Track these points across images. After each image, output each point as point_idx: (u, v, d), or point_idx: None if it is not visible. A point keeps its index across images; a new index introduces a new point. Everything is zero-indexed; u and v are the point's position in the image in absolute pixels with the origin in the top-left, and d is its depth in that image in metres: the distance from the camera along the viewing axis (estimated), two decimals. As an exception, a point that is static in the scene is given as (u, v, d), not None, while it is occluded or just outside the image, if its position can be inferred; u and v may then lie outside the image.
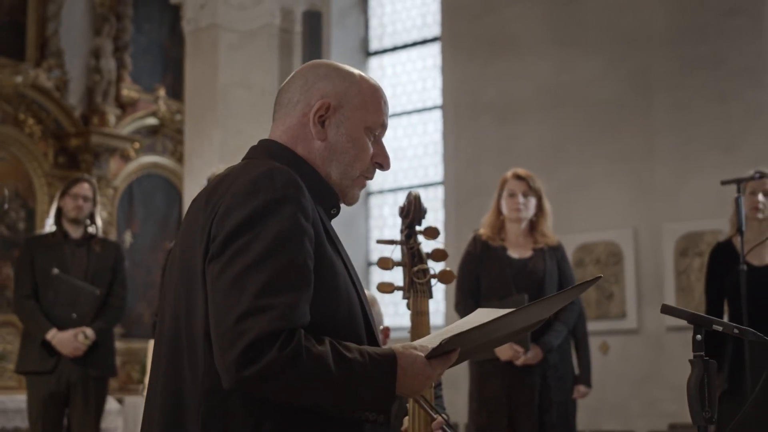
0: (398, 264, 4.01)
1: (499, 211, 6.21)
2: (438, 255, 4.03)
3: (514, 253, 6.16)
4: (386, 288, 3.96)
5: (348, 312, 2.43)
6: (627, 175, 10.28)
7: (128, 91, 13.78)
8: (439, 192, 12.04)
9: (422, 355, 2.39)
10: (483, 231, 6.25)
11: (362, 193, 9.27)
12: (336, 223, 3.95)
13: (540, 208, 6.22)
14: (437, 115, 12.14)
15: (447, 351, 2.43)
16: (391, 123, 12.46)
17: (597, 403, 9.09)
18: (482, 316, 2.59)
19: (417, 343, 2.47)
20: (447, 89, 11.60)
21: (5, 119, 12.34)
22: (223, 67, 9.87)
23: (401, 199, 12.51)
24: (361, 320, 2.48)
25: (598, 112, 10.47)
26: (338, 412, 2.33)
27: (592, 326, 9.43)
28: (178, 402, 2.35)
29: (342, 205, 2.60)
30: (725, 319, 6.43)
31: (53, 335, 6.74)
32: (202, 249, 2.34)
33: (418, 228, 4.07)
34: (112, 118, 13.41)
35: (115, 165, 13.58)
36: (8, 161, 12.35)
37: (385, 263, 3.97)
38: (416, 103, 12.59)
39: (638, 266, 10.21)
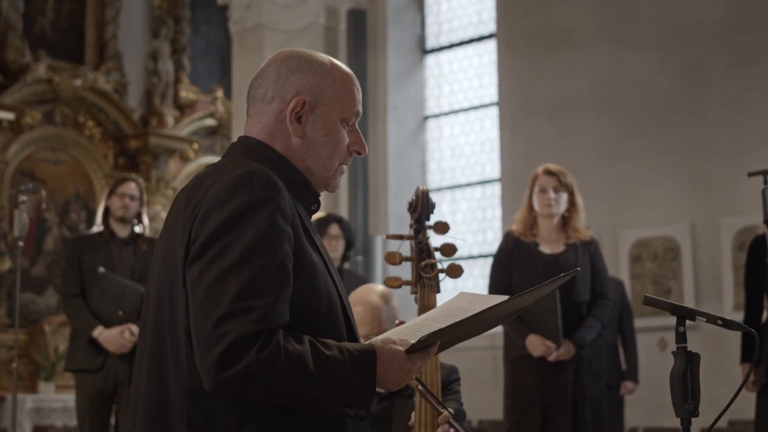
0: (407, 259, 4.02)
1: (530, 207, 6.17)
2: (447, 250, 4.04)
3: (545, 249, 6.11)
4: (393, 282, 3.96)
5: (328, 310, 2.45)
6: (683, 170, 10.17)
7: (186, 92, 13.90)
8: (496, 189, 12.00)
9: (402, 349, 2.41)
10: (515, 227, 6.21)
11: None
12: (392, 222, 3.96)
13: (572, 203, 6.15)
14: (493, 112, 12.09)
15: (428, 344, 2.45)
16: (448, 121, 12.50)
17: (655, 399, 9.00)
18: (463, 301, 2.61)
19: (396, 336, 2.48)
20: (502, 86, 11.56)
21: (65, 122, 12.51)
22: (269, 67, 9.88)
23: (459, 196, 12.49)
24: (341, 317, 2.50)
25: (653, 107, 10.37)
26: (319, 409, 2.35)
27: (649, 322, 9.38)
28: (163, 402, 2.38)
29: (401, 203, 2.61)
30: (765, 315, 6.33)
31: (99, 332, 6.80)
32: (183, 250, 2.38)
33: (427, 223, 4.07)
34: (170, 120, 13.55)
35: (175, 166, 13.71)
36: (69, 163, 12.53)
37: (392, 258, 3.97)
38: (473, 101, 12.56)
39: (696, 261, 10.10)
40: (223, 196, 2.35)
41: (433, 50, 12.89)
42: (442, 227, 4.04)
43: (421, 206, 4.07)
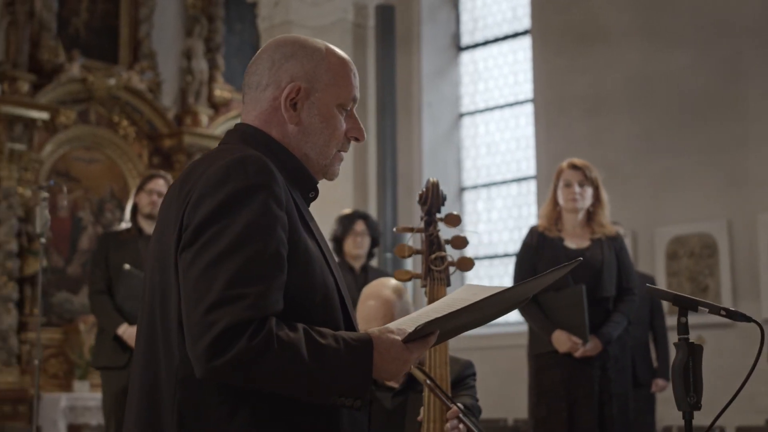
0: (417, 252, 3.97)
1: (555, 202, 6.10)
2: (458, 242, 3.98)
3: (571, 244, 6.04)
4: (403, 275, 3.92)
5: (324, 298, 2.41)
6: (720, 166, 10.07)
7: (221, 91, 13.91)
8: (532, 186, 11.94)
9: (399, 339, 2.36)
10: (540, 222, 6.15)
11: (455, 188, 9.25)
12: None
13: (597, 197, 6.08)
14: (529, 108, 12.03)
15: (425, 334, 2.40)
16: (483, 118, 12.44)
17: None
18: (468, 293, 2.55)
19: (394, 325, 2.43)
20: (537, 82, 11.52)
21: (100, 121, 12.56)
22: (297, 63, 9.87)
23: (494, 194, 12.45)
24: (338, 306, 2.45)
25: (689, 102, 10.28)
26: (313, 398, 2.30)
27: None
28: (155, 390, 2.35)
29: (440, 201, 2.57)
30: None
31: (124, 330, 6.80)
32: (175, 237, 2.34)
33: (438, 215, 4.01)
34: (204, 119, 13.56)
35: (211, 165, 13.71)
36: (103, 162, 12.57)
37: (401, 251, 3.92)
38: (508, 97, 12.51)
39: (733, 258, 10.01)
40: (216, 181, 2.31)
41: (467, 47, 12.84)
42: (453, 220, 3.98)
43: (432, 198, 4.00)
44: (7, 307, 11.36)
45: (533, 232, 6.13)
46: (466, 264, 3.91)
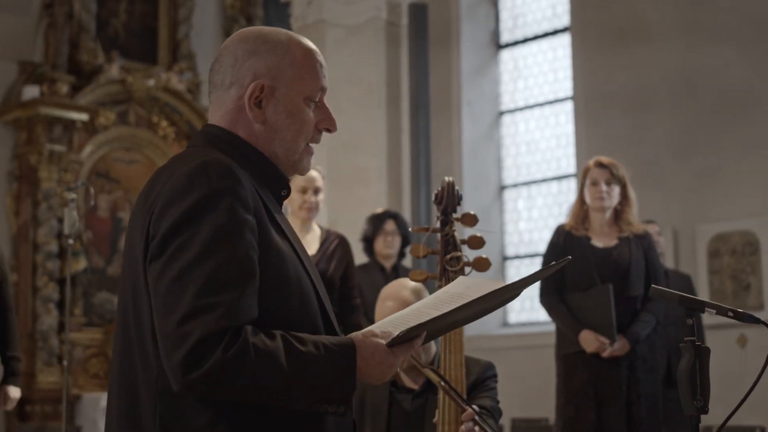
0: (433, 252, 3.93)
1: (582, 201, 6.05)
2: (475, 242, 3.93)
3: (598, 243, 5.98)
4: (418, 276, 3.88)
5: (300, 301, 2.35)
6: (762, 163, 9.97)
7: (259, 91, 13.91)
8: (572, 184, 11.86)
9: (383, 343, 2.31)
10: (567, 221, 6.10)
11: (495, 186, 9.18)
12: None
13: (624, 196, 6.02)
14: (569, 106, 11.94)
15: (411, 337, 2.34)
16: (523, 116, 12.37)
17: (735, 397, 8.76)
18: (461, 286, 2.52)
19: (378, 329, 2.37)
20: (577, 80, 11.45)
21: (139, 122, 12.59)
22: (331, 62, 9.81)
23: (534, 192, 12.39)
24: (316, 309, 2.40)
25: (730, 99, 10.18)
26: (296, 406, 2.26)
27: (729, 319, 9.15)
28: (134, 403, 2.31)
29: (476, 199, 2.51)
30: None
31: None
32: (142, 248, 2.29)
33: (454, 215, 3.97)
34: (244, 119, 13.55)
35: (254, 164, 13.73)
36: (143, 163, 12.60)
37: (416, 251, 3.89)
38: (548, 95, 12.43)
39: (775, 256, 9.90)
40: (179, 189, 2.25)
41: (507, 45, 12.77)
42: (469, 219, 3.93)
43: (447, 198, 3.96)
44: (47, 307, 11.42)
45: (560, 231, 6.08)
46: (483, 264, 3.87)
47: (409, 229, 4.19)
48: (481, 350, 11.38)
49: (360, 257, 7.48)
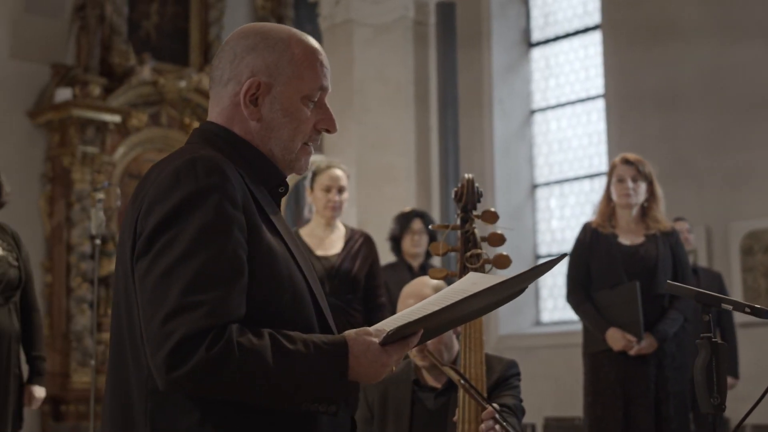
0: (453, 250, 3.92)
1: (609, 198, 6.02)
2: (495, 239, 3.92)
3: (624, 240, 5.95)
4: (437, 274, 3.87)
5: (293, 299, 2.33)
6: (795, 160, 9.88)
7: (293, 90, 13.91)
8: (604, 182, 11.68)
9: (376, 341, 2.29)
10: (594, 218, 6.06)
11: (528, 185, 9.14)
12: (502, 215, 3.92)
13: (651, 192, 5.99)
14: (600, 104, 11.88)
15: (406, 335, 2.32)
16: (555, 114, 12.32)
17: (768, 395, 8.72)
18: (467, 282, 2.49)
19: (374, 327, 2.35)
20: (608, 77, 11.38)
21: (171, 124, 12.63)
22: (359, 62, 9.87)
23: (567, 190, 12.33)
24: (310, 307, 2.37)
25: (763, 95, 10.10)
26: (286, 405, 2.25)
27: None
28: (126, 402, 2.31)
29: (508, 198, 2.48)
30: None
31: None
32: (130, 246, 2.29)
33: (474, 212, 3.96)
34: (276, 119, 13.57)
35: (281, 165, 13.74)
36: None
37: (436, 248, 3.88)
38: (579, 93, 12.36)
39: (810, 253, 9.81)
40: (166, 187, 2.24)
41: (538, 43, 12.72)
42: (490, 216, 3.92)
43: (467, 195, 3.95)
44: (81, 308, 11.48)
45: (586, 228, 6.05)
46: (503, 261, 3.85)
47: (429, 227, 4.17)
48: (515, 349, 11.37)
49: (388, 256, 7.48)
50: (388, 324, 2.36)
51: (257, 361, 2.15)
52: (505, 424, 3.58)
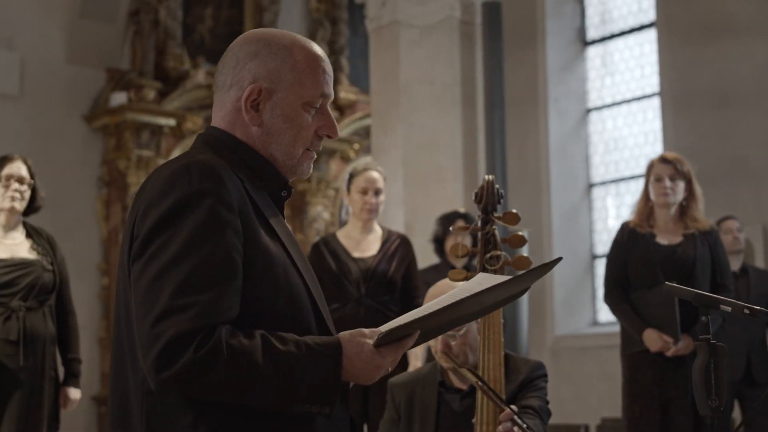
0: (473, 251, 3.90)
1: (647, 197, 5.95)
2: (516, 241, 3.89)
3: (662, 240, 5.88)
4: (457, 275, 3.85)
5: (290, 302, 2.35)
6: None
7: (345, 93, 13.93)
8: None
9: (370, 342, 2.30)
10: (632, 218, 6.01)
11: (584, 184, 9.08)
12: (558, 215, 3.89)
13: (690, 191, 5.91)
14: (656, 102, 11.77)
15: (401, 336, 2.32)
16: (610, 113, 12.23)
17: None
18: (474, 283, 2.47)
19: (371, 329, 2.36)
20: (664, 75, 11.26)
21: (225, 127, 12.74)
22: (405, 63, 9.84)
23: (623, 190, 12.24)
24: (308, 310, 2.39)
25: (820, 92, 9.95)
26: (278, 406, 2.26)
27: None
28: (125, 403, 2.34)
29: (564, 198, 2.47)
30: None
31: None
32: (127, 249, 2.33)
33: (496, 214, 3.94)
34: (329, 122, 13.60)
35: (336, 166, 13.76)
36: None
37: (455, 250, 3.87)
38: (635, 91, 12.26)
39: None
40: (161, 190, 2.28)
41: (594, 41, 12.64)
42: (511, 218, 3.90)
43: (487, 196, 3.93)
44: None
45: (624, 228, 6.00)
46: (523, 263, 3.82)
47: (450, 229, 4.15)
48: (571, 350, 11.32)
49: (432, 258, 7.47)
50: (390, 326, 2.36)
51: (246, 362, 2.17)
52: (524, 425, 3.56)
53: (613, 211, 12.36)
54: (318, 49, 2.53)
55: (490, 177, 4.00)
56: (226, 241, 2.24)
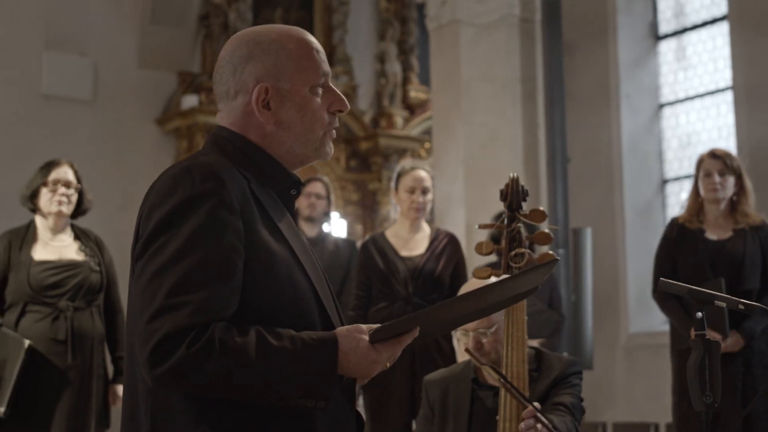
0: (498, 249, 3.91)
1: (697, 193, 5.90)
2: (542, 238, 3.90)
3: (712, 235, 5.82)
4: (482, 273, 3.87)
5: (292, 301, 2.38)
6: None
7: (416, 92, 13.94)
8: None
9: (366, 338, 2.32)
10: (682, 214, 5.95)
11: (657, 180, 8.99)
12: (631, 212, 3.87)
13: (740, 186, 5.83)
14: (729, 96, 11.60)
15: (398, 333, 2.34)
16: (684, 107, 12.09)
17: None
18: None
19: (369, 326, 2.38)
20: (737, 69, 11.10)
21: (298, 124, 12.83)
22: (465, 61, 9.80)
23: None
24: (313, 308, 2.41)
25: None
26: (273, 401, 2.29)
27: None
28: (133, 399, 2.40)
29: (637, 194, 2.46)
30: None
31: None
32: (133, 248, 2.40)
33: (521, 211, 3.94)
34: (399, 120, 13.62)
35: (407, 166, 13.79)
36: (309, 167, 12.83)
37: (479, 248, 3.88)
38: (708, 85, 12.10)
39: None
40: (164, 192, 2.34)
41: (665, 36, 12.50)
42: (537, 215, 3.90)
43: (512, 194, 3.94)
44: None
45: (673, 224, 5.95)
46: (548, 260, 3.81)
47: (477, 227, 4.16)
48: (646, 347, 11.19)
49: (492, 257, 7.45)
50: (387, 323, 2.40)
51: (239, 358, 2.21)
52: (546, 422, 3.56)
53: (688, 206, 12.20)
54: (303, 32, 2.58)
55: (515, 174, 4.01)
56: (225, 242, 2.29)
